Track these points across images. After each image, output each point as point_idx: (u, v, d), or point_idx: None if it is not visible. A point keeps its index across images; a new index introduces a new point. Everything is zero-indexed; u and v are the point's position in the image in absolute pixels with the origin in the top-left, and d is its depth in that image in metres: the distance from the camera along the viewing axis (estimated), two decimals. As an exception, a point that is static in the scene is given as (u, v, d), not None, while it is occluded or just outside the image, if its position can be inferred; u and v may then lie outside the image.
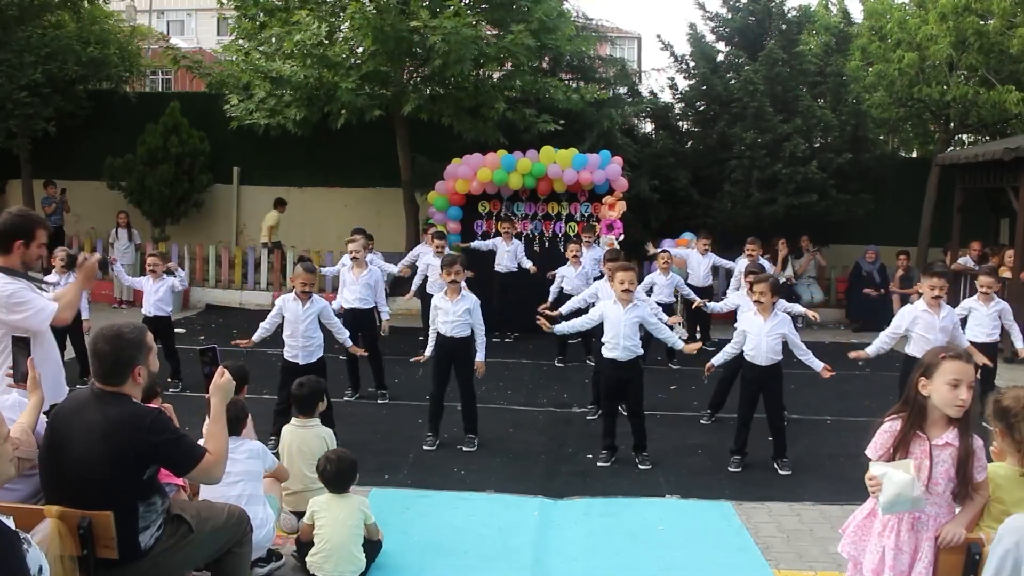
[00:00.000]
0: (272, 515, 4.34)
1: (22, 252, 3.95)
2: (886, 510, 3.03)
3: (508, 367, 9.26)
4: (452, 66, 10.83)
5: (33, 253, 4.00)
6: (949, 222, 12.51)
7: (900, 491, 2.95)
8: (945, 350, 3.18)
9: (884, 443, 3.21)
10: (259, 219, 15.16)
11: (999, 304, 7.33)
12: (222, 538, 3.51)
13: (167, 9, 40.67)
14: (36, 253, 4.01)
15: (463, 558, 4.56)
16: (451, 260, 6.51)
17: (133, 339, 3.25)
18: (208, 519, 3.48)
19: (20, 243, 3.94)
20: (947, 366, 3.07)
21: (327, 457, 4.35)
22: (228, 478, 3.98)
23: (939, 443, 3.12)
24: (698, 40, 14.86)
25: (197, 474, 3.26)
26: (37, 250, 4.01)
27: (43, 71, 13.29)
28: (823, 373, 6.10)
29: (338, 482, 4.27)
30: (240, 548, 3.58)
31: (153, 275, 8.18)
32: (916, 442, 3.15)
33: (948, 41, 12.00)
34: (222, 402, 3.44)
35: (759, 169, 12.71)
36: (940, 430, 3.14)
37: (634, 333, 6.08)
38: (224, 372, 3.51)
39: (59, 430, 3.21)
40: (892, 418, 3.23)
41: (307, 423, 4.93)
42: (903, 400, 3.24)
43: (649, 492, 5.62)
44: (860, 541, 3.32)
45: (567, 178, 11.00)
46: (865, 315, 12.49)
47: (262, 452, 4.40)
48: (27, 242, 3.95)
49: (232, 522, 3.55)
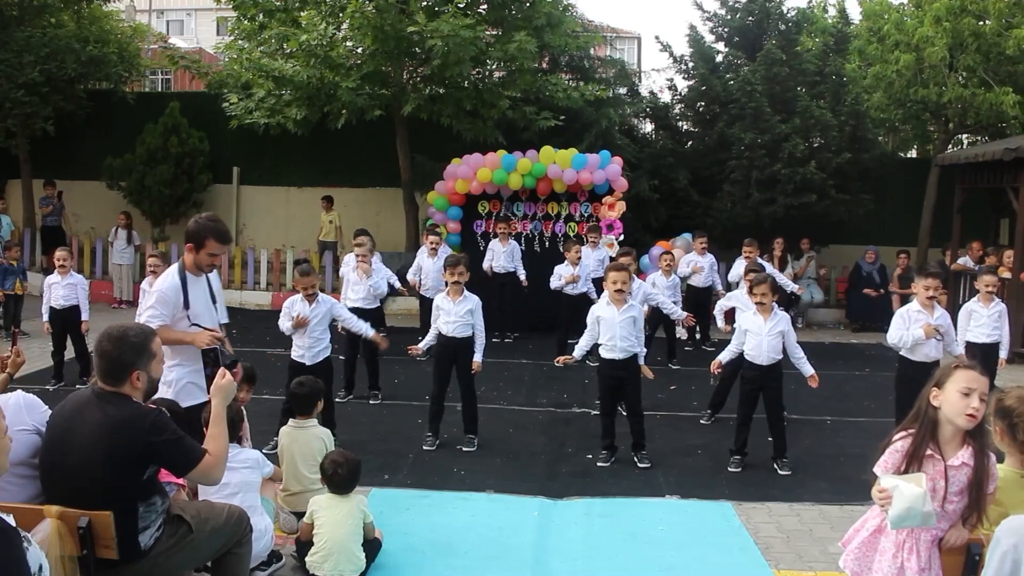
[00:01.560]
0: (271, 524, 4.34)
1: (193, 256, 4.47)
2: (895, 524, 2.91)
3: (508, 367, 9.25)
4: (451, 67, 10.84)
5: (203, 259, 4.47)
6: (949, 222, 12.51)
7: (911, 505, 2.83)
8: (959, 362, 3.08)
9: (895, 462, 3.06)
10: (259, 219, 15.21)
11: (999, 305, 7.36)
12: (222, 538, 3.51)
13: (167, 9, 40.65)
14: (206, 260, 4.48)
15: (463, 558, 4.55)
16: (455, 261, 6.51)
17: (136, 343, 3.26)
18: (208, 519, 3.47)
19: (190, 247, 4.46)
20: (959, 375, 2.97)
21: (335, 461, 4.30)
22: (226, 489, 3.99)
23: (955, 464, 2.99)
24: (697, 41, 14.87)
25: (196, 475, 3.26)
26: (208, 258, 4.48)
27: (42, 70, 13.27)
28: (810, 381, 6.13)
29: (347, 485, 4.26)
30: (240, 548, 3.58)
31: (154, 276, 8.14)
32: (930, 462, 3.01)
33: (944, 42, 11.99)
34: (223, 403, 3.46)
35: (758, 169, 12.71)
36: (955, 448, 3.01)
37: (630, 333, 6.09)
38: (225, 373, 3.53)
39: (60, 429, 3.21)
40: (902, 436, 3.09)
41: (305, 424, 4.92)
42: (912, 416, 3.11)
43: (649, 492, 5.62)
44: (865, 558, 3.18)
45: (567, 178, 11.00)
46: (864, 315, 12.50)
47: (260, 462, 4.41)
48: (196, 248, 4.46)
49: (232, 522, 3.55)
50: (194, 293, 4.48)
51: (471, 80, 12.11)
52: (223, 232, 4.50)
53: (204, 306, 4.54)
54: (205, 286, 4.61)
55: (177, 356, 4.42)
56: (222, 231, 4.49)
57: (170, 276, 4.48)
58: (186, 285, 4.45)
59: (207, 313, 4.56)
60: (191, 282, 4.49)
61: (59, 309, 8.13)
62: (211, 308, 4.62)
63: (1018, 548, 2.58)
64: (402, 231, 13.47)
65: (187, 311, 4.44)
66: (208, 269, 4.56)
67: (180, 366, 4.45)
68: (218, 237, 4.44)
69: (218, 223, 4.50)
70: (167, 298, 4.37)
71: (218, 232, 4.45)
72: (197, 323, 4.45)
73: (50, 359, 8.27)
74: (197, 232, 4.42)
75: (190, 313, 4.44)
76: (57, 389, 7.86)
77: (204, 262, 4.48)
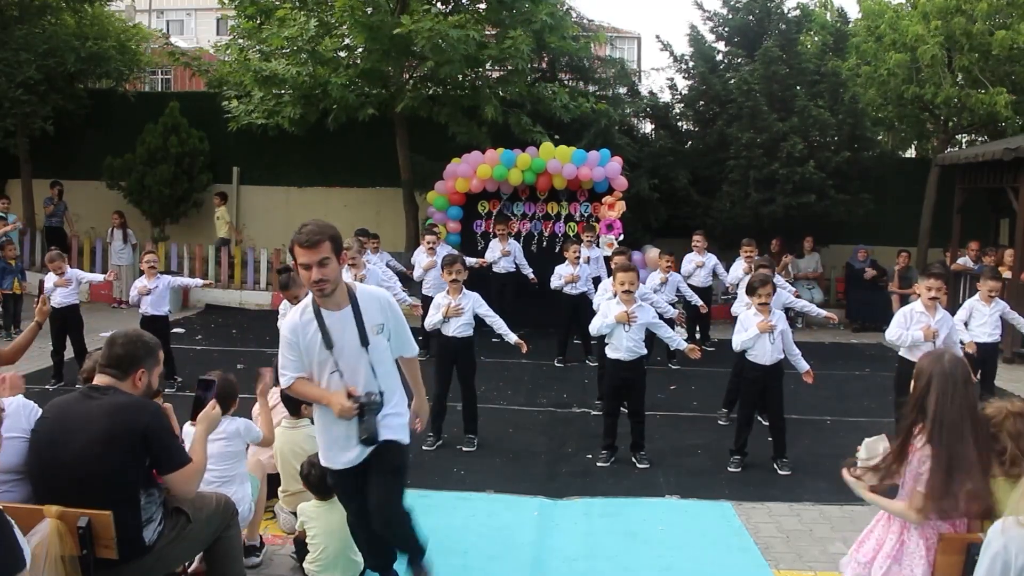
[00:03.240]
0: (249, 494, 4.29)
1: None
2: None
3: (508, 367, 9.25)
4: (442, 67, 10.84)
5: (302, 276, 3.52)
6: (949, 222, 12.50)
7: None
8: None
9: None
10: (259, 219, 15.18)
11: (999, 304, 7.35)
12: (215, 524, 3.59)
13: (167, 9, 40.66)
14: (303, 276, 3.48)
15: (463, 558, 4.55)
16: (452, 260, 6.52)
17: (149, 343, 3.40)
18: (202, 508, 3.55)
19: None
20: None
21: (310, 462, 4.16)
22: (211, 459, 3.93)
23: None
24: (697, 40, 14.87)
25: (176, 479, 3.26)
26: (304, 272, 3.45)
27: (41, 67, 13.25)
28: (805, 377, 6.16)
29: (323, 487, 4.08)
30: (228, 531, 3.67)
31: (150, 274, 8.12)
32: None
33: (937, 41, 11.99)
34: (206, 431, 3.55)
35: (756, 169, 12.71)
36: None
37: (637, 334, 6.09)
38: (215, 405, 3.61)
39: (50, 429, 3.21)
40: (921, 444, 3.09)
41: (297, 424, 4.88)
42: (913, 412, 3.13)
43: (649, 492, 5.62)
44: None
45: (567, 173, 10.98)
46: (865, 315, 12.50)
47: (244, 429, 4.28)
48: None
49: (221, 507, 3.65)
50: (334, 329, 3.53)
51: (466, 80, 12.11)
52: (303, 236, 3.41)
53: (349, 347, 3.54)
54: (349, 319, 3.53)
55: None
56: (301, 234, 3.42)
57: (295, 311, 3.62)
58: (321, 319, 3.50)
59: (351, 354, 3.55)
60: (327, 316, 3.52)
61: (58, 308, 8.12)
62: (357, 349, 3.52)
63: (1008, 549, 2.59)
64: (402, 231, 13.47)
65: (330, 352, 3.51)
66: (310, 286, 3.45)
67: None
68: (299, 242, 3.41)
69: (301, 229, 3.44)
70: (287, 340, 3.57)
71: (298, 238, 3.42)
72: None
73: (50, 359, 8.27)
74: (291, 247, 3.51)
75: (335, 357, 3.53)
76: (57, 389, 7.86)
77: (302, 279, 3.49)
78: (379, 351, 3.57)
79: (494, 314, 6.63)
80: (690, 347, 6.32)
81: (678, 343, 6.41)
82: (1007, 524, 2.66)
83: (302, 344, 3.53)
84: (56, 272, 8.19)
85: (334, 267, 3.43)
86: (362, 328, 3.52)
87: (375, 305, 3.60)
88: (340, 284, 3.52)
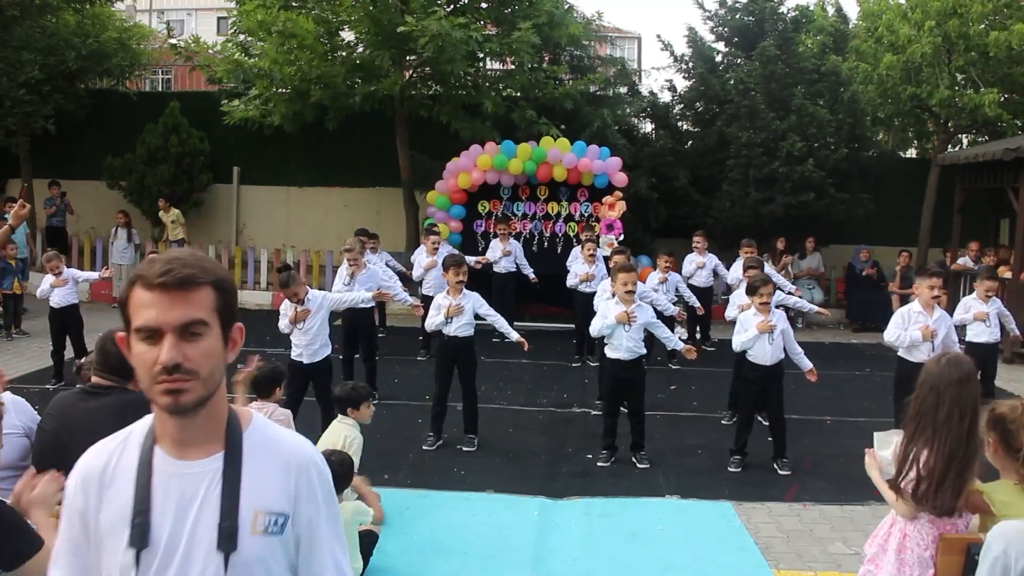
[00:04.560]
0: None
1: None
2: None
3: (508, 367, 9.25)
4: (443, 65, 10.85)
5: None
6: (949, 222, 12.51)
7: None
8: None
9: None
10: (259, 219, 15.17)
11: (995, 302, 7.36)
12: None
13: (167, 9, 40.68)
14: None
15: (463, 558, 4.56)
16: (455, 261, 6.52)
17: None
18: None
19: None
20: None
21: (327, 458, 4.22)
22: None
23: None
24: (697, 40, 14.86)
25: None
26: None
27: (42, 66, 13.24)
28: (808, 375, 6.17)
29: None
30: None
31: None
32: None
33: (930, 42, 11.98)
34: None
35: (756, 168, 12.70)
36: None
37: (637, 333, 6.09)
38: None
39: (53, 432, 3.17)
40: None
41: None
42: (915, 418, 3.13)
43: (649, 492, 5.62)
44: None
45: (567, 162, 10.96)
46: (865, 315, 12.50)
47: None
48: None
49: None
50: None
51: (466, 78, 12.12)
52: (157, 267, 1.62)
53: None
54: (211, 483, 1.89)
55: None
56: (155, 265, 1.66)
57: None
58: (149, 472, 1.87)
59: None
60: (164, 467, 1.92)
61: (58, 308, 8.12)
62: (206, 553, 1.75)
63: (1008, 553, 2.59)
64: (402, 231, 13.47)
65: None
66: (149, 383, 1.54)
67: None
68: (149, 280, 1.59)
69: (154, 260, 1.75)
70: (66, 502, 2.14)
71: (147, 272, 1.62)
72: None
73: (50, 359, 8.28)
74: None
75: None
76: (57, 389, 7.85)
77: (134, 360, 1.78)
78: (254, 568, 1.58)
79: (495, 313, 6.64)
80: (686, 348, 6.33)
81: (675, 343, 6.41)
82: (1008, 527, 2.66)
83: (90, 519, 1.63)
84: (53, 272, 8.19)
85: (211, 346, 1.55)
86: (231, 511, 1.57)
87: (279, 469, 1.64)
88: (217, 392, 1.59)
